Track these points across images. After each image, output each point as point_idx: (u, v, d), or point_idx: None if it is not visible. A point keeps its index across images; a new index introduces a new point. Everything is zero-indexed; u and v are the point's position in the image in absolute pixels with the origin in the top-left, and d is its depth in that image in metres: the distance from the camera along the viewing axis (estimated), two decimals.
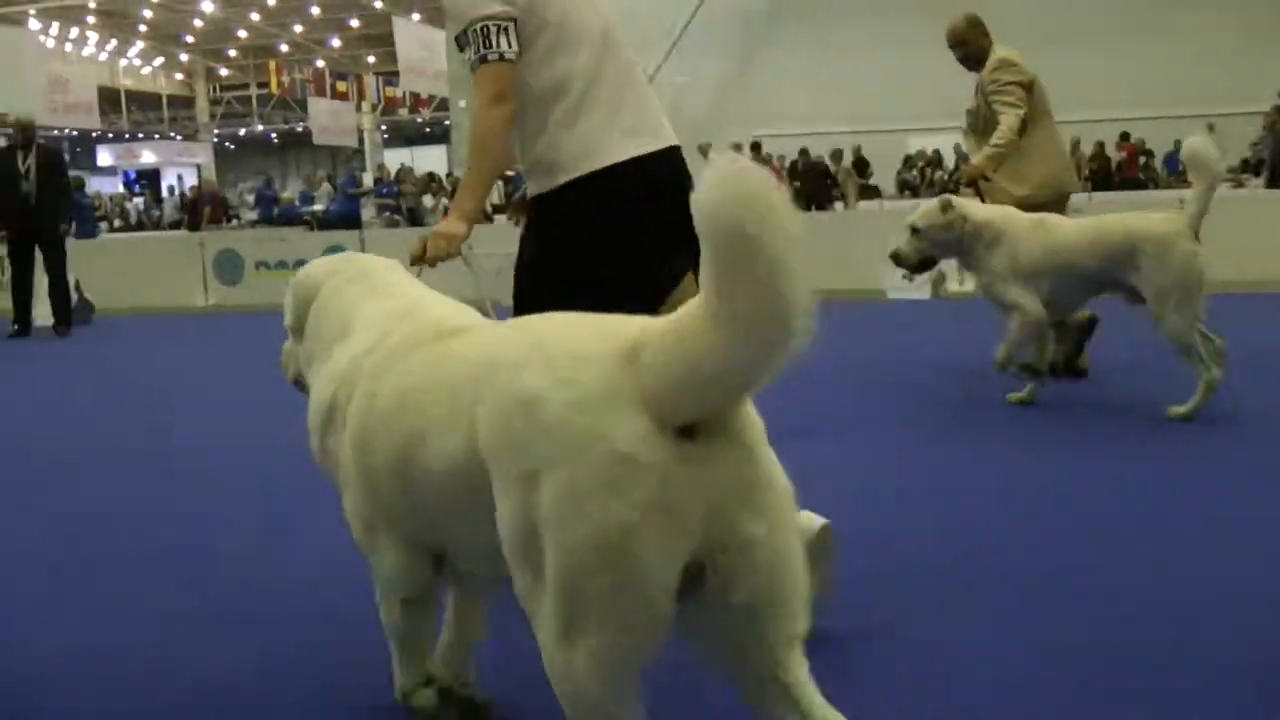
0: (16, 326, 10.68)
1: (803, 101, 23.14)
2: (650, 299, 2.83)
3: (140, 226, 29.02)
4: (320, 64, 39.34)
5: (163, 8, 36.08)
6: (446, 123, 37.55)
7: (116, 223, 29.19)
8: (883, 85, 22.10)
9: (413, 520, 2.17)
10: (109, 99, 40.14)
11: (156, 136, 46.65)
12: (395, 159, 34.52)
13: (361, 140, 40.41)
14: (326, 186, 24.74)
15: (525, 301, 2.99)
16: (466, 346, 2.04)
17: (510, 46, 2.86)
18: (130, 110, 45.74)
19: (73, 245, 14.80)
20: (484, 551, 1.88)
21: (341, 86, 34.77)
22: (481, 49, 2.86)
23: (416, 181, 23.84)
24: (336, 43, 43.20)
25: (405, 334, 2.24)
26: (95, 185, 32.17)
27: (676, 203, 1.86)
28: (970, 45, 6.48)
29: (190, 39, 43.52)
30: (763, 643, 1.72)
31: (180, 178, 40.45)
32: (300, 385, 2.66)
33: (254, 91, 46.09)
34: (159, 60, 44.62)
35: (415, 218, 21.85)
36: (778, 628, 1.72)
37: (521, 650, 2.02)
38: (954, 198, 5.97)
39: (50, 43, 34.13)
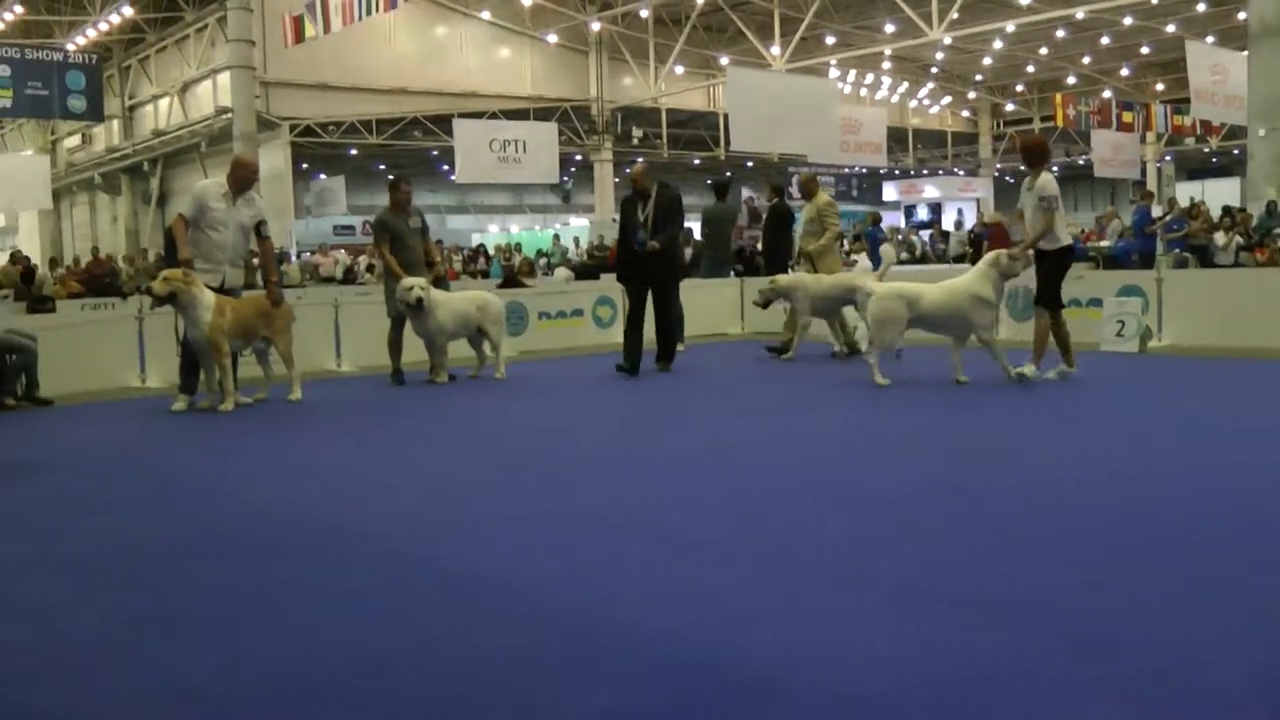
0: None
1: None
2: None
3: (924, 260, 30.33)
4: (1107, 94, 38.69)
5: (955, 49, 37.66)
6: (1235, 152, 35.07)
7: (903, 255, 30.94)
8: None
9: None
10: (896, 138, 42.88)
11: (940, 172, 48.88)
12: (1183, 192, 32.81)
13: (1144, 172, 38.99)
14: (1116, 223, 23.87)
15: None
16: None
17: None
18: (916, 148, 48.39)
19: None
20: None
21: (1128, 117, 33.88)
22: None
23: (1208, 217, 22.24)
24: (1125, 72, 42.18)
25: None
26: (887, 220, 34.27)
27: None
28: (805, 189, 13.14)
29: (979, 77, 45.07)
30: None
31: (960, 211, 41.98)
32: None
33: (1037, 125, 46.35)
34: (946, 99, 46.72)
35: (1206, 257, 19.71)
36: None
37: None
38: (779, 278, 12.24)
39: (847, 88, 37.34)
